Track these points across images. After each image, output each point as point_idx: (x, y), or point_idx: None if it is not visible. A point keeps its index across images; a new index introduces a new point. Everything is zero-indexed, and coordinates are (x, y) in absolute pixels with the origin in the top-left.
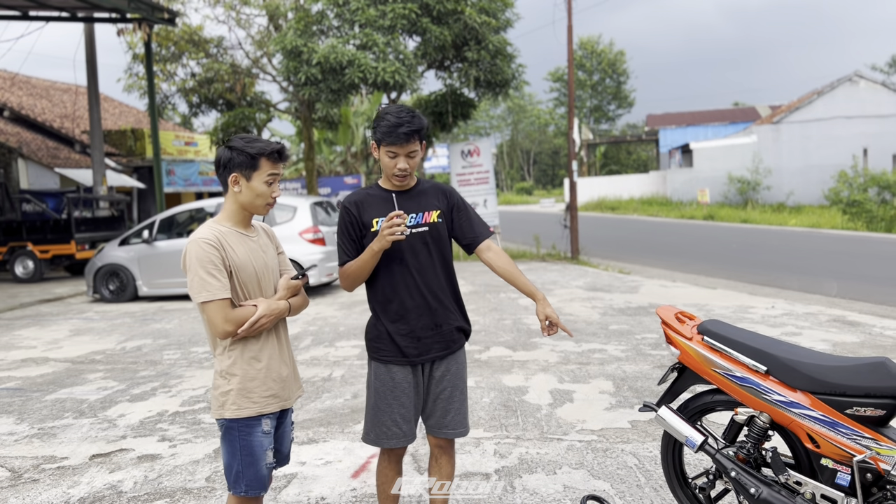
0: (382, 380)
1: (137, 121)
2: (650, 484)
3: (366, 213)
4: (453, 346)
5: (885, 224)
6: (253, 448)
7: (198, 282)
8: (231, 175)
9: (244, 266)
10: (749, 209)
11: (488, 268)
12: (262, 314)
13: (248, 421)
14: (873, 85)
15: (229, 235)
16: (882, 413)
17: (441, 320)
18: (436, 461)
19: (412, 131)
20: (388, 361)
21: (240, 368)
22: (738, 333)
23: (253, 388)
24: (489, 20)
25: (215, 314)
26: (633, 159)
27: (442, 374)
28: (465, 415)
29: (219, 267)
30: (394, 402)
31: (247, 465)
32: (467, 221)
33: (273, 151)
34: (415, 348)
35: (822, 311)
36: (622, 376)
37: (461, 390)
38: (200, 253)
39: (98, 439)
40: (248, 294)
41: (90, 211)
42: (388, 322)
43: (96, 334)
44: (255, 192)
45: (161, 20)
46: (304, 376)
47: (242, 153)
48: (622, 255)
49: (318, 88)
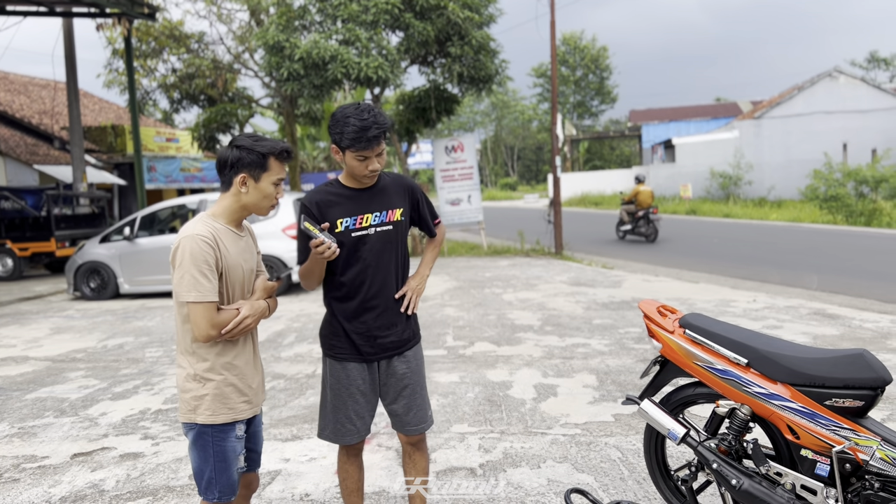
0: (338, 377)
1: (118, 117)
2: (633, 477)
3: (328, 212)
4: (409, 343)
5: (865, 218)
6: (226, 454)
7: (189, 280)
8: (239, 175)
9: (234, 267)
10: (731, 204)
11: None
12: (247, 314)
13: (222, 427)
14: (853, 80)
15: (224, 234)
16: (860, 404)
17: (398, 319)
18: (409, 457)
19: (380, 133)
20: (343, 359)
21: (217, 374)
22: (719, 326)
23: (229, 394)
24: (472, 15)
25: (201, 317)
26: (616, 155)
27: (403, 372)
28: (426, 409)
29: (212, 267)
30: (349, 400)
31: (220, 472)
32: (425, 217)
33: (282, 150)
34: (371, 347)
35: (802, 304)
36: (605, 370)
37: (422, 386)
38: (196, 250)
39: (79, 438)
40: (233, 295)
41: (70, 208)
42: (344, 320)
43: (77, 332)
44: (262, 193)
45: (141, 15)
46: (287, 373)
47: (252, 152)
48: (605, 250)
49: (300, 84)
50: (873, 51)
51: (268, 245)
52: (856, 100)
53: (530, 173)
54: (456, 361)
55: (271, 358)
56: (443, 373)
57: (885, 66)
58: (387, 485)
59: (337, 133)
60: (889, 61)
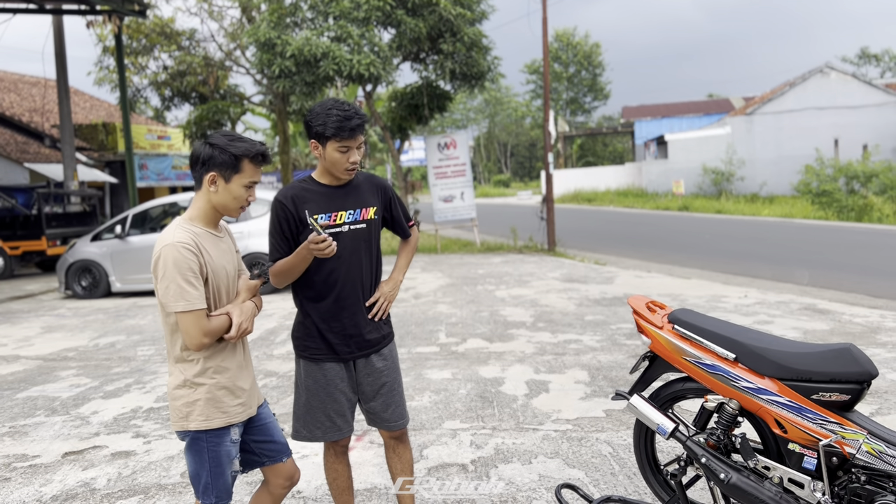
0: (315, 378)
1: (109, 115)
2: (624, 471)
3: (303, 208)
4: (384, 341)
5: (855, 213)
6: (221, 458)
7: (175, 289)
8: (209, 174)
9: (218, 270)
10: (723, 200)
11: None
12: (240, 319)
13: (217, 431)
14: (844, 76)
15: (204, 238)
16: (847, 398)
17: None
18: (393, 451)
19: (361, 123)
20: (320, 360)
21: (208, 377)
22: (707, 322)
23: (222, 398)
24: (464, 12)
25: (192, 325)
26: (609, 151)
27: (380, 370)
28: (403, 405)
29: (197, 274)
30: (327, 399)
31: (216, 476)
32: (398, 216)
33: (257, 153)
34: (346, 346)
35: (793, 299)
36: (597, 366)
37: (398, 382)
38: (179, 258)
39: (71, 437)
40: (219, 299)
41: (61, 206)
42: (319, 320)
43: (68, 331)
44: (231, 195)
45: (131, 12)
46: (280, 371)
47: (225, 152)
48: (598, 247)
49: (292, 81)
50: (864, 47)
51: (260, 243)
52: (847, 96)
53: (523, 170)
54: (448, 358)
55: (263, 356)
56: (435, 369)
57: (875, 62)
58: (378, 481)
59: (319, 125)
60: (880, 57)
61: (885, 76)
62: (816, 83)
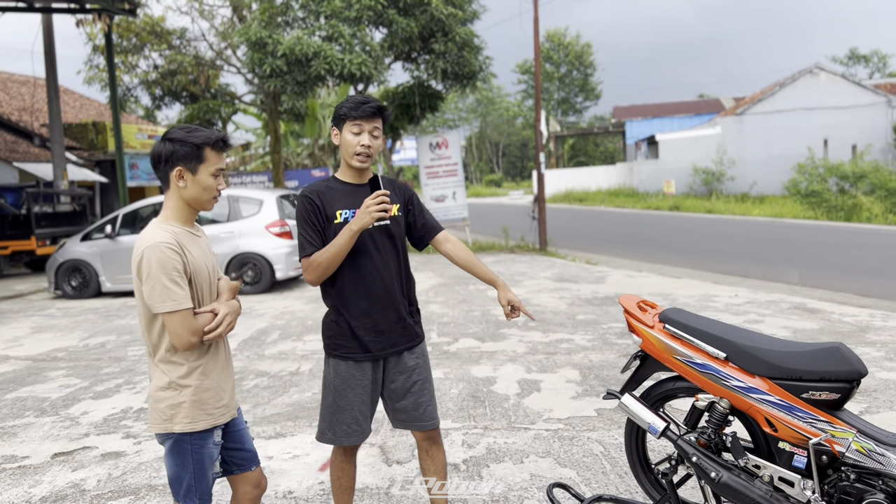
0: (343, 377)
1: (99, 114)
2: (615, 471)
3: (328, 204)
4: (416, 339)
5: (845, 213)
6: (204, 461)
7: (161, 290)
8: (175, 169)
9: (199, 269)
10: (713, 200)
11: (448, 259)
12: (227, 311)
13: (201, 434)
14: (833, 77)
15: (184, 237)
16: (836, 397)
17: (403, 314)
18: (426, 453)
19: (378, 108)
20: (349, 358)
21: (194, 380)
22: (698, 321)
23: (207, 400)
24: (456, 12)
25: (180, 325)
26: (600, 151)
27: (412, 369)
28: (435, 405)
29: (182, 274)
30: (354, 400)
31: (199, 479)
32: (420, 215)
33: (218, 140)
34: (378, 343)
35: (783, 298)
36: (589, 365)
37: (430, 382)
38: (163, 259)
39: (60, 437)
40: (202, 298)
41: (51, 206)
42: (350, 317)
43: (58, 331)
44: (201, 185)
45: (121, 11)
46: (271, 371)
47: (186, 144)
48: (589, 246)
49: (283, 80)
50: (853, 48)
51: (251, 243)
52: (836, 96)
53: (515, 170)
54: (440, 357)
55: (254, 356)
56: None
57: (865, 63)
58: (371, 481)
59: (337, 109)
60: (869, 58)
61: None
62: (806, 83)
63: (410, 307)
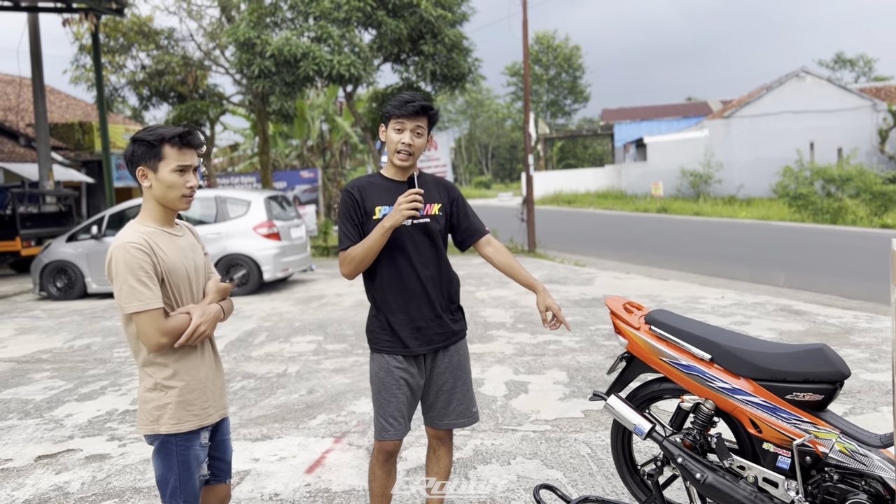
0: (387, 370)
1: (86, 114)
2: (602, 472)
3: (368, 199)
4: (454, 336)
5: (831, 216)
6: (190, 462)
7: (127, 291)
8: (137, 169)
9: (176, 268)
10: (701, 202)
11: (488, 262)
12: (199, 321)
13: (187, 435)
14: (819, 81)
15: (157, 236)
16: (820, 398)
17: (441, 311)
18: (434, 453)
19: (423, 107)
20: (390, 352)
21: (180, 380)
22: (683, 323)
23: (193, 400)
24: (445, 14)
25: (148, 326)
26: (589, 153)
27: (445, 366)
28: (467, 405)
29: (150, 274)
30: (399, 393)
31: (184, 481)
32: (465, 217)
33: (174, 136)
34: (416, 339)
35: (769, 300)
36: (576, 367)
37: (463, 381)
38: (129, 259)
39: (44, 440)
40: (180, 299)
41: (36, 206)
42: (389, 313)
43: (43, 333)
44: (164, 183)
45: (108, 10)
46: (258, 372)
47: (143, 143)
48: (578, 248)
49: (272, 81)
50: (839, 52)
51: (238, 244)
52: (822, 100)
53: (504, 171)
54: None
55: (241, 357)
56: None
57: (850, 67)
58: (357, 483)
59: (386, 108)
60: (854, 62)
61: (859, 81)
62: (793, 87)
63: (451, 305)
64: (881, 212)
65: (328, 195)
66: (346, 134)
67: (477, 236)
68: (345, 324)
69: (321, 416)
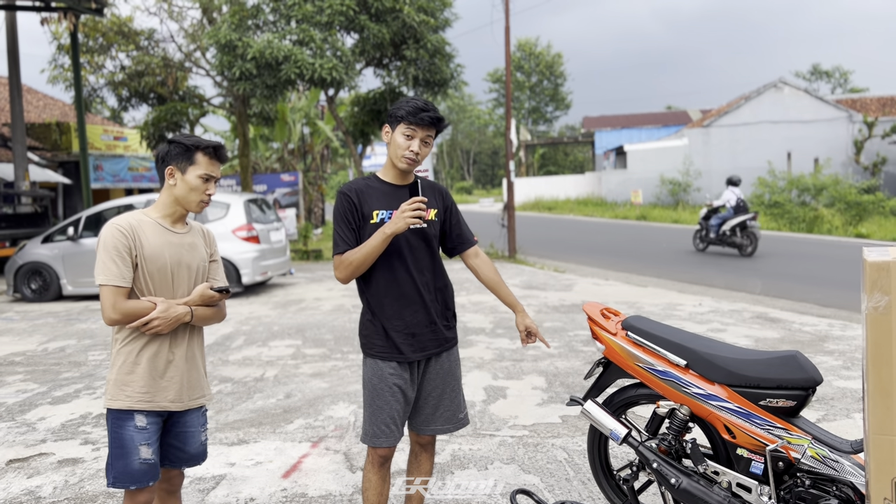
0: (380, 376)
1: (63, 114)
2: (578, 477)
3: (366, 203)
4: (447, 343)
5: (806, 225)
6: (123, 441)
7: (100, 264)
8: (167, 167)
9: (155, 258)
10: (680, 210)
11: (472, 273)
12: (156, 316)
13: (118, 413)
14: (797, 91)
15: (147, 225)
16: (793, 404)
17: (435, 317)
18: (415, 458)
19: (436, 118)
20: (384, 359)
21: (121, 359)
22: (660, 329)
23: (129, 382)
24: (427, 19)
25: (106, 299)
26: (569, 160)
27: (436, 373)
28: (454, 411)
29: (122, 255)
30: (391, 399)
31: (116, 457)
32: (457, 224)
33: (209, 146)
34: (410, 346)
35: (746, 308)
36: (554, 372)
37: (452, 387)
38: (108, 237)
39: (16, 444)
40: (152, 287)
41: (11, 207)
42: (384, 319)
43: (16, 335)
44: (188, 185)
45: (88, 10)
46: (235, 376)
47: (180, 145)
48: (558, 254)
49: (253, 83)
50: (816, 63)
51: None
52: (799, 110)
53: (486, 177)
54: None
55: (218, 361)
56: None
57: (827, 79)
58: (334, 488)
59: (396, 108)
60: (831, 73)
61: (835, 92)
62: (771, 97)
63: (447, 311)
64: (856, 221)
65: (308, 199)
66: (328, 138)
67: (466, 245)
68: (324, 328)
69: (298, 421)
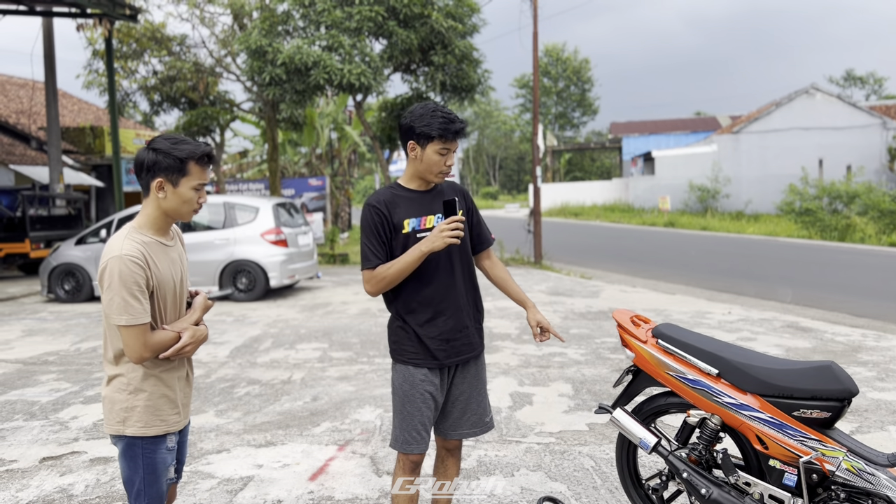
0: (412, 383)
1: (97, 118)
2: (606, 486)
3: (396, 213)
4: (478, 348)
5: (838, 233)
6: (156, 466)
7: (119, 303)
8: (156, 180)
9: (165, 281)
10: (708, 217)
11: (483, 272)
12: (188, 342)
13: (153, 439)
14: (829, 98)
15: (153, 248)
16: (827, 415)
17: (468, 322)
18: (442, 463)
19: (463, 127)
20: (416, 365)
21: (150, 385)
22: (690, 337)
23: (162, 406)
24: (455, 25)
25: (135, 339)
26: (596, 166)
27: (464, 378)
28: (480, 415)
29: (143, 288)
30: (423, 406)
31: (149, 483)
32: (478, 223)
33: (202, 155)
34: (444, 351)
35: (776, 317)
36: (581, 379)
37: (479, 391)
38: (125, 272)
39: (49, 442)
40: (164, 310)
41: (46, 209)
42: (416, 325)
43: (50, 335)
44: (182, 198)
45: (122, 16)
46: (263, 379)
47: (169, 156)
48: (584, 261)
49: (282, 89)
50: (849, 69)
51: (246, 250)
52: (832, 117)
53: (512, 183)
54: None
55: (247, 363)
56: None
57: (860, 85)
58: (360, 492)
59: (424, 125)
60: (865, 80)
61: (869, 98)
62: (802, 104)
63: (477, 314)
64: (890, 230)
65: (336, 203)
66: (355, 143)
67: (486, 245)
68: (350, 332)
69: (325, 424)
